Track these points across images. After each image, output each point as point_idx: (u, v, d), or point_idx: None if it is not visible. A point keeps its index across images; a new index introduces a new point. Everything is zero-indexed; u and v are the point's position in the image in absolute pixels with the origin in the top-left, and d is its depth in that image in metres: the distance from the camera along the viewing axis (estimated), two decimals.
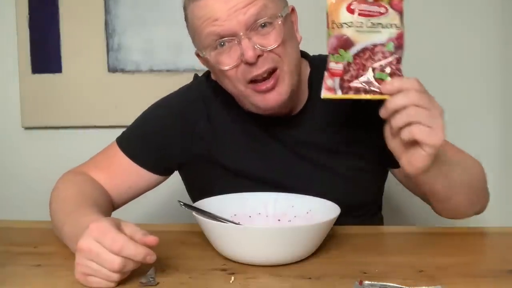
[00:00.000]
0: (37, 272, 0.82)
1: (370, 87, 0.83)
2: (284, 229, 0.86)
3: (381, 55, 0.83)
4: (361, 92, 0.84)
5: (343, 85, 0.84)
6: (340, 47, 0.84)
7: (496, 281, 0.77)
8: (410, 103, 0.79)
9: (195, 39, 1.00)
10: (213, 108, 1.08)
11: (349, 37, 0.84)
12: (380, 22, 0.84)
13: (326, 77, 0.85)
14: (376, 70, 0.83)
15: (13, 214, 1.29)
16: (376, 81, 0.83)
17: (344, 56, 0.84)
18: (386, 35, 0.84)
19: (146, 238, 0.75)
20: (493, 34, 1.72)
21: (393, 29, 0.84)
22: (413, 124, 0.79)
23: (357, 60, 0.84)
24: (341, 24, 0.84)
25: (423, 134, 0.79)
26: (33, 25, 1.75)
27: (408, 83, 0.81)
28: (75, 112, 1.79)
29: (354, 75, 0.84)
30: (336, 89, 0.84)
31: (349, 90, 0.84)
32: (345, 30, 0.84)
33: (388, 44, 0.83)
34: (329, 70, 0.85)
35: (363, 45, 0.84)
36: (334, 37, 0.84)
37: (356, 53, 0.84)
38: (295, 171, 1.05)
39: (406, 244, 0.96)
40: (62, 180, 1.05)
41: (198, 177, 1.11)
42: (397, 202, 1.67)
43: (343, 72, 0.84)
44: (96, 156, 1.12)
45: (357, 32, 0.84)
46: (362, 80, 0.83)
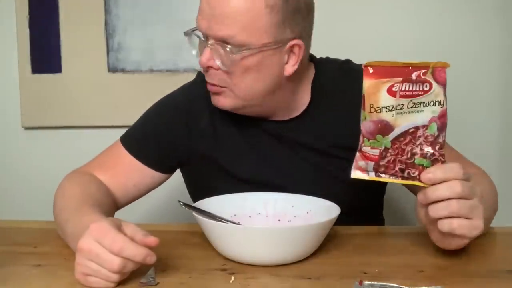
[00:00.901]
0: (37, 272, 0.82)
1: (409, 173, 0.78)
2: (284, 229, 0.86)
3: (423, 139, 0.77)
4: (398, 177, 0.79)
5: (378, 170, 0.79)
6: (378, 132, 0.77)
7: (496, 281, 0.77)
8: (453, 196, 0.75)
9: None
10: (215, 108, 1.07)
11: (389, 122, 0.77)
12: (423, 101, 0.76)
13: (358, 158, 0.80)
14: (416, 155, 0.77)
15: (13, 214, 1.29)
16: (416, 167, 0.78)
17: (381, 142, 0.78)
18: (429, 114, 0.77)
19: (147, 238, 0.75)
20: (493, 34, 1.72)
21: (436, 107, 0.76)
22: (454, 219, 0.76)
23: (396, 145, 0.77)
24: (381, 108, 0.76)
25: (464, 229, 0.76)
26: (33, 25, 1.75)
27: (452, 173, 0.76)
28: (75, 112, 1.79)
29: (391, 160, 0.78)
30: (369, 171, 0.80)
31: (385, 174, 0.79)
32: (385, 115, 0.76)
33: (430, 126, 0.77)
34: (363, 153, 0.79)
35: (403, 129, 0.77)
36: (371, 122, 0.77)
37: (395, 138, 0.77)
38: (295, 174, 1.05)
39: (406, 244, 0.96)
40: (67, 180, 1.05)
41: (199, 176, 1.12)
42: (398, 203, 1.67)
43: (379, 158, 0.78)
44: (100, 155, 1.12)
45: (397, 115, 0.76)
46: (400, 167, 0.78)
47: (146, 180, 1.10)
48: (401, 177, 0.79)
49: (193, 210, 0.87)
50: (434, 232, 0.82)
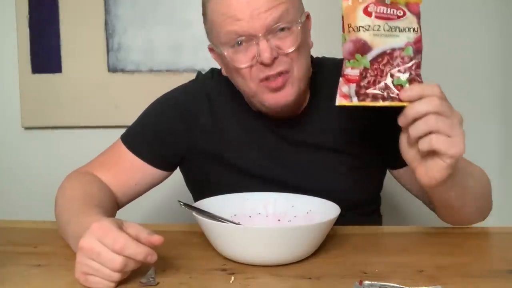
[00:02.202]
0: (37, 272, 0.82)
1: (388, 93, 0.80)
2: (284, 229, 0.86)
3: (400, 60, 0.80)
4: (378, 99, 0.80)
5: (360, 92, 0.81)
6: (356, 52, 0.80)
7: (496, 281, 0.77)
8: (431, 111, 0.77)
9: (212, 33, 1.01)
10: (216, 105, 1.09)
11: (367, 41, 0.80)
12: (398, 26, 0.80)
13: (341, 84, 0.81)
14: (394, 76, 0.80)
15: (13, 214, 1.30)
16: (395, 87, 0.80)
17: (361, 61, 0.80)
18: (404, 39, 0.80)
19: (151, 237, 0.75)
20: (493, 33, 1.72)
21: (411, 33, 0.80)
22: (433, 134, 0.77)
23: (375, 66, 0.80)
24: (358, 27, 0.80)
25: (443, 144, 0.77)
26: (33, 25, 1.76)
27: (429, 90, 0.78)
28: (75, 112, 1.79)
29: (371, 81, 0.80)
30: (352, 96, 0.81)
31: (366, 97, 0.81)
32: (362, 34, 0.80)
33: (406, 49, 0.80)
34: (345, 76, 0.81)
35: (381, 50, 0.80)
36: (351, 42, 0.81)
37: (374, 58, 0.80)
38: (296, 168, 1.06)
39: (406, 244, 0.96)
40: (68, 180, 1.05)
41: (200, 172, 1.12)
42: (397, 201, 1.67)
43: (360, 78, 0.80)
44: (101, 155, 1.12)
45: (375, 36, 0.80)
46: (380, 87, 0.80)
47: (148, 178, 1.10)
48: (382, 98, 0.80)
49: (193, 210, 0.87)
50: (419, 167, 0.82)
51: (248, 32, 0.94)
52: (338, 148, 1.07)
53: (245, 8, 0.93)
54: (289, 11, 0.95)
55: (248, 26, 0.94)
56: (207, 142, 1.09)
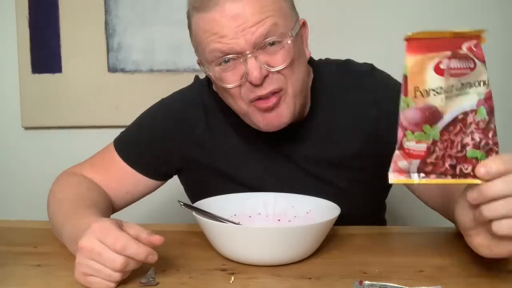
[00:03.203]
0: (37, 272, 0.82)
1: (460, 170, 0.65)
2: (284, 229, 0.86)
3: (475, 126, 0.65)
4: (447, 176, 0.66)
5: (424, 170, 0.66)
6: (425, 122, 0.64)
7: (496, 281, 0.77)
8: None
9: (198, 50, 0.97)
10: (212, 115, 1.06)
11: (437, 108, 0.64)
12: (469, 81, 0.64)
13: (398, 157, 0.66)
14: (468, 146, 0.66)
15: (13, 214, 1.29)
16: (468, 161, 0.65)
17: (429, 133, 0.65)
18: (475, 96, 0.65)
19: (152, 237, 0.75)
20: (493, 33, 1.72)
21: (481, 87, 0.65)
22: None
23: (445, 137, 0.65)
24: (428, 91, 0.64)
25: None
26: (33, 25, 1.76)
27: (510, 165, 0.65)
28: (75, 112, 1.79)
29: (440, 156, 0.65)
30: (411, 172, 0.66)
31: (432, 174, 0.66)
32: (433, 99, 0.64)
33: (479, 110, 0.65)
34: (405, 151, 0.65)
35: (453, 116, 0.65)
36: (417, 109, 0.64)
37: (445, 127, 0.65)
38: (296, 183, 1.02)
39: (406, 244, 0.96)
40: (57, 182, 1.04)
41: (197, 183, 1.10)
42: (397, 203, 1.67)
43: (426, 154, 0.65)
44: (93, 157, 1.10)
45: (447, 100, 0.64)
46: (450, 162, 0.66)
47: (140, 187, 1.08)
48: (452, 176, 0.66)
49: (193, 210, 0.87)
50: (480, 236, 0.70)
51: (234, 49, 0.88)
52: (338, 162, 1.02)
53: (230, 23, 0.87)
54: (278, 24, 0.89)
55: (233, 43, 0.88)
56: (203, 155, 1.06)
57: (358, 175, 1.03)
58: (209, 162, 1.06)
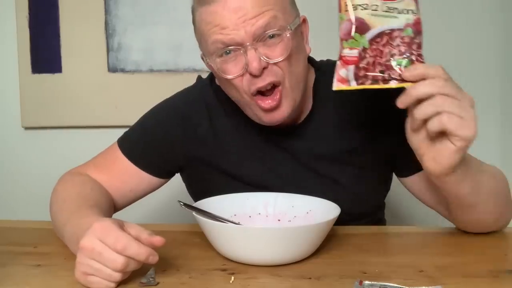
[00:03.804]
0: (37, 272, 0.82)
1: (390, 75, 0.76)
2: (284, 229, 0.86)
3: (400, 41, 0.76)
4: (379, 81, 0.76)
5: (359, 74, 0.77)
6: (355, 31, 0.77)
7: (496, 281, 0.77)
8: (437, 92, 0.73)
9: (201, 43, 0.98)
10: (215, 114, 1.07)
11: (365, 20, 0.76)
12: (396, 7, 0.77)
13: (339, 67, 0.78)
14: (395, 56, 0.76)
15: (13, 214, 1.30)
16: (397, 68, 0.76)
17: (359, 41, 0.76)
18: (403, 20, 0.77)
19: (152, 238, 0.75)
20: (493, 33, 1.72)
21: (409, 14, 0.77)
22: (443, 113, 0.72)
23: (374, 46, 0.76)
24: (356, 5, 0.77)
25: (455, 123, 0.72)
26: (33, 25, 1.76)
27: (433, 70, 0.74)
28: (75, 112, 1.79)
29: (370, 62, 0.76)
30: (350, 80, 0.77)
31: (366, 79, 0.77)
32: (360, 13, 0.77)
33: (406, 29, 0.77)
34: (342, 58, 0.77)
35: (380, 30, 0.76)
36: (348, 21, 0.77)
37: (372, 38, 0.76)
38: (298, 180, 1.03)
39: (406, 244, 0.96)
40: (61, 182, 1.04)
41: (199, 180, 1.11)
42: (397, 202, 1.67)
43: (359, 59, 0.76)
44: (96, 157, 1.11)
45: (373, 16, 0.76)
46: (380, 68, 0.76)
47: (143, 185, 1.09)
48: (383, 80, 0.76)
49: (193, 210, 0.87)
50: (426, 153, 0.78)
51: (234, 40, 0.90)
52: (340, 158, 1.03)
53: (231, 15, 0.90)
54: (278, 17, 0.91)
55: (234, 34, 0.90)
56: (206, 153, 1.06)
57: (359, 172, 1.04)
58: (212, 160, 1.07)
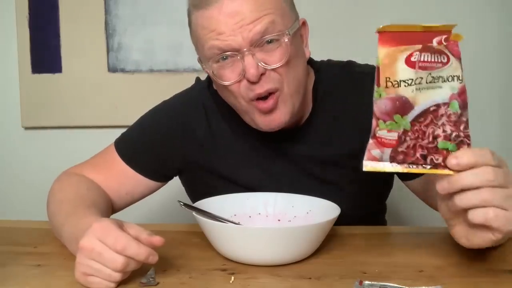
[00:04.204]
0: (37, 272, 0.82)
1: (432, 160, 0.68)
2: (284, 229, 0.86)
3: (446, 119, 0.68)
4: (418, 166, 0.69)
5: (396, 158, 0.69)
6: (395, 112, 0.68)
7: (496, 281, 0.77)
8: (485, 184, 0.66)
9: (197, 48, 0.97)
10: (214, 118, 1.06)
11: (408, 99, 0.67)
12: (441, 75, 0.68)
13: (372, 146, 0.69)
14: (439, 137, 0.68)
15: (13, 214, 1.29)
16: (439, 152, 0.68)
17: (400, 123, 0.68)
18: (448, 91, 0.68)
19: (152, 238, 0.75)
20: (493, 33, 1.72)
21: (455, 82, 0.68)
22: (489, 208, 0.66)
23: (416, 127, 0.68)
24: (399, 82, 0.67)
25: (500, 220, 0.66)
26: (33, 25, 1.76)
27: (481, 157, 0.67)
28: (75, 112, 1.79)
29: (411, 145, 0.68)
30: (384, 160, 0.69)
31: (403, 164, 0.69)
32: (404, 90, 0.67)
33: (452, 103, 0.68)
34: (377, 139, 0.69)
35: (424, 107, 0.68)
36: (388, 99, 0.67)
37: (415, 118, 0.68)
38: (297, 185, 1.01)
39: (406, 244, 0.95)
40: (57, 182, 1.04)
41: (198, 184, 1.10)
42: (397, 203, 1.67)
43: (397, 142, 0.68)
44: (93, 158, 1.10)
45: (417, 91, 0.67)
46: (422, 153, 0.68)
47: (140, 187, 1.09)
48: (423, 165, 0.68)
49: (193, 210, 0.87)
50: (459, 226, 0.73)
51: (231, 46, 0.89)
52: (340, 162, 1.02)
53: (227, 20, 0.88)
54: (276, 21, 0.89)
55: (231, 40, 0.88)
56: (203, 156, 1.06)
57: (359, 176, 1.03)
58: (210, 163, 1.06)
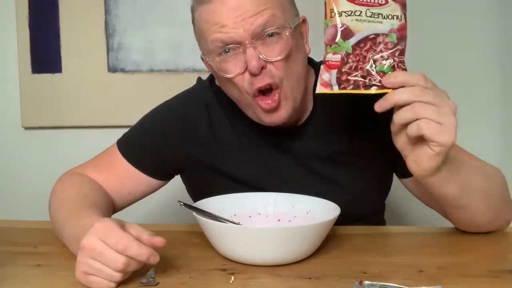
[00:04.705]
0: (37, 272, 0.82)
1: (370, 81, 0.78)
2: (284, 229, 0.86)
3: (383, 46, 0.78)
4: (360, 87, 0.78)
5: (341, 79, 0.78)
6: (339, 37, 0.79)
7: (496, 281, 0.77)
8: (415, 99, 0.74)
9: (200, 42, 0.98)
10: (215, 116, 1.07)
11: (349, 26, 0.78)
12: (381, 13, 0.78)
13: (322, 71, 0.80)
14: (377, 62, 0.78)
15: (13, 214, 1.29)
16: (377, 74, 0.78)
17: (342, 46, 0.78)
18: (388, 25, 0.78)
19: (153, 239, 0.75)
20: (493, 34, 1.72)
21: (394, 20, 0.78)
22: (421, 120, 0.74)
23: (357, 51, 0.78)
24: (340, 12, 0.78)
25: (431, 130, 0.74)
26: (33, 25, 1.76)
27: (414, 78, 0.75)
28: (75, 112, 1.79)
29: (353, 67, 0.78)
30: (333, 84, 0.79)
31: (347, 84, 0.78)
32: (344, 19, 0.78)
33: (390, 35, 0.78)
34: (326, 63, 0.79)
35: (364, 34, 0.78)
36: (332, 26, 0.79)
37: (356, 44, 0.78)
38: (298, 182, 1.02)
39: (406, 244, 0.96)
40: (59, 182, 1.04)
41: (199, 182, 1.11)
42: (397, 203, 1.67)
43: (341, 64, 0.78)
44: (95, 158, 1.11)
45: (357, 22, 0.78)
46: (362, 73, 0.78)
47: (142, 186, 1.09)
48: (364, 86, 0.78)
49: (193, 210, 0.87)
50: (409, 154, 0.80)
51: (233, 39, 0.91)
52: (340, 160, 1.03)
53: (230, 14, 0.90)
54: (277, 15, 0.91)
55: (233, 33, 0.90)
56: (205, 154, 1.06)
57: (359, 173, 1.04)
58: (212, 162, 1.07)
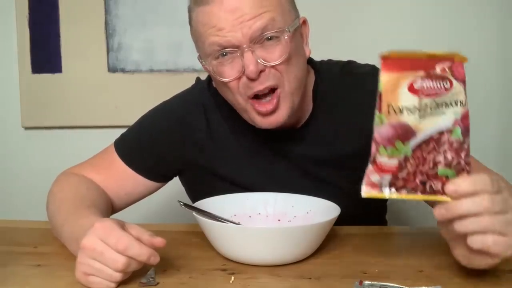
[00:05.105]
0: (37, 272, 0.82)
1: (431, 186, 0.68)
2: (284, 229, 0.86)
3: (448, 146, 0.67)
4: (417, 192, 0.68)
5: (395, 184, 0.68)
6: (397, 138, 0.66)
7: (496, 281, 0.77)
8: (483, 211, 0.65)
9: (197, 45, 0.97)
10: (213, 119, 1.06)
11: (410, 126, 0.66)
12: (445, 101, 0.66)
13: (371, 171, 0.68)
14: (439, 164, 0.67)
15: (13, 214, 1.29)
16: (439, 179, 0.67)
17: (401, 150, 0.67)
18: (452, 116, 0.67)
19: (154, 239, 0.75)
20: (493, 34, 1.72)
21: (458, 107, 0.67)
22: (488, 235, 0.66)
23: (417, 154, 0.67)
24: (401, 109, 0.66)
25: (498, 247, 0.66)
26: (33, 25, 1.76)
27: (480, 185, 0.66)
28: (75, 112, 1.79)
29: (411, 172, 0.67)
30: (383, 187, 0.69)
31: (402, 189, 0.68)
32: (406, 117, 0.66)
33: (455, 130, 0.67)
34: (377, 165, 0.68)
35: (428, 135, 0.67)
36: (390, 126, 0.66)
37: (417, 145, 0.67)
38: (297, 185, 1.01)
39: (406, 244, 0.96)
40: (56, 182, 1.04)
41: (198, 184, 1.10)
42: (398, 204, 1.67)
43: (398, 169, 0.67)
44: (93, 159, 1.10)
45: (420, 119, 0.66)
46: (421, 179, 0.67)
47: (139, 188, 1.08)
48: (422, 192, 0.68)
49: (193, 210, 0.87)
50: (459, 248, 0.72)
51: (231, 42, 0.89)
52: (340, 163, 1.02)
53: (228, 16, 0.88)
54: (276, 19, 0.89)
55: (230, 36, 0.89)
56: (203, 157, 1.06)
57: (360, 176, 1.03)
58: (210, 164, 1.06)
